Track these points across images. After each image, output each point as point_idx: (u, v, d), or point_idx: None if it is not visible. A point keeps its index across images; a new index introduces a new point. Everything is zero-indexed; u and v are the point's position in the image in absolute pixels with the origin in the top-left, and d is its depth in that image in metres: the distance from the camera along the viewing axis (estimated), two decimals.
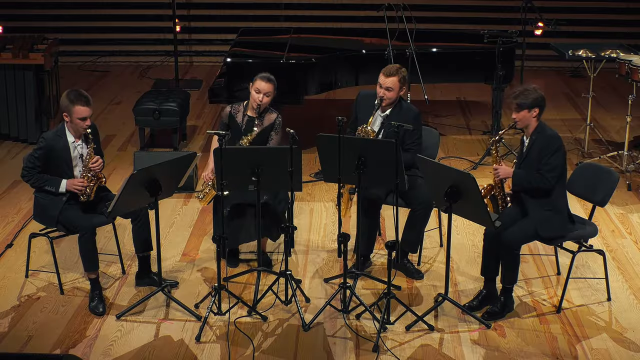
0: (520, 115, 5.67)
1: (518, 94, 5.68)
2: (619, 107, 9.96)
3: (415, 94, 8.08)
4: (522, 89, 5.71)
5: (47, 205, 5.84)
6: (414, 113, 6.17)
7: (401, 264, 6.22)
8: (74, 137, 5.85)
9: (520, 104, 5.65)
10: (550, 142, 5.64)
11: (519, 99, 5.65)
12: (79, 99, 5.73)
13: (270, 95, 6.15)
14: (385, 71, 6.12)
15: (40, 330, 5.58)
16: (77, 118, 5.74)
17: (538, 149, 5.65)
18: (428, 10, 11.82)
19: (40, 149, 5.80)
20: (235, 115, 6.25)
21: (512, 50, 8.69)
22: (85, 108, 5.74)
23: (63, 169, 5.84)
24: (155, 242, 5.81)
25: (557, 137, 5.67)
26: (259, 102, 6.11)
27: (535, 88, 5.71)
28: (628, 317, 5.77)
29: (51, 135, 5.85)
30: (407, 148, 6.07)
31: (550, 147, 5.62)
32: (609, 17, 12.06)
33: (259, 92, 6.12)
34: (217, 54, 12.09)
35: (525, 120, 5.68)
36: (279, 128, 6.25)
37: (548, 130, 5.70)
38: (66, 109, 5.77)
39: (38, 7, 12.21)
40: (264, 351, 5.37)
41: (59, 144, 5.81)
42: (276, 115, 6.26)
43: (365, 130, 6.11)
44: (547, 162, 5.61)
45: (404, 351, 5.37)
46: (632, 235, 6.94)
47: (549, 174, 5.60)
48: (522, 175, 5.69)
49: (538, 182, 5.62)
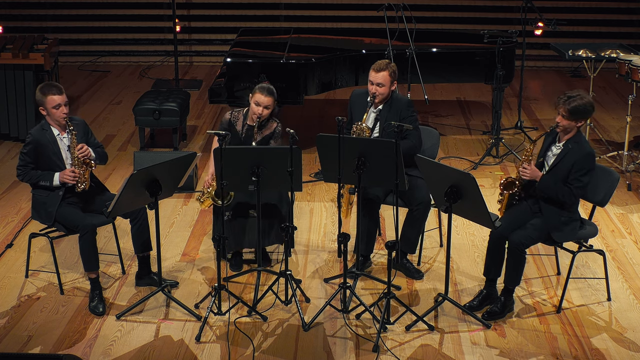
0: (566, 123, 5.54)
1: (572, 100, 5.48)
2: (619, 107, 9.97)
3: (415, 94, 8.08)
4: (577, 95, 5.49)
5: (45, 202, 5.85)
6: (405, 101, 6.19)
7: (401, 263, 6.22)
8: (59, 130, 5.88)
9: (572, 112, 5.48)
10: (587, 160, 5.52)
11: (571, 105, 5.47)
12: (49, 89, 5.84)
13: (270, 107, 6.11)
14: (375, 67, 6.12)
15: (40, 330, 5.58)
16: (51, 108, 5.81)
17: (572, 161, 5.53)
18: (428, 10, 11.83)
19: (28, 144, 5.85)
20: (235, 123, 6.24)
21: (512, 50, 8.69)
22: (58, 96, 5.82)
23: (54, 162, 5.86)
24: (155, 242, 5.81)
25: (593, 156, 5.57)
26: (258, 115, 6.09)
27: (590, 100, 5.52)
28: (628, 317, 5.77)
29: (37, 130, 5.90)
30: (405, 135, 6.06)
31: (586, 166, 5.52)
32: (609, 17, 12.06)
33: (259, 105, 6.09)
34: (217, 54, 12.09)
35: (569, 128, 5.57)
36: (278, 137, 6.24)
37: (586, 145, 5.56)
38: (40, 102, 5.85)
39: (38, 7, 12.21)
40: (264, 351, 5.37)
41: (44, 137, 5.85)
42: (276, 124, 6.24)
43: (360, 127, 6.11)
44: (579, 179, 5.52)
45: (404, 351, 5.37)
46: (632, 235, 6.94)
47: (578, 191, 5.54)
48: (550, 184, 5.59)
49: (565, 195, 5.54)
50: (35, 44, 8.88)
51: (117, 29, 12.25)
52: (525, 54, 9.32)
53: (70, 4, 12.19)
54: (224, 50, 11.24)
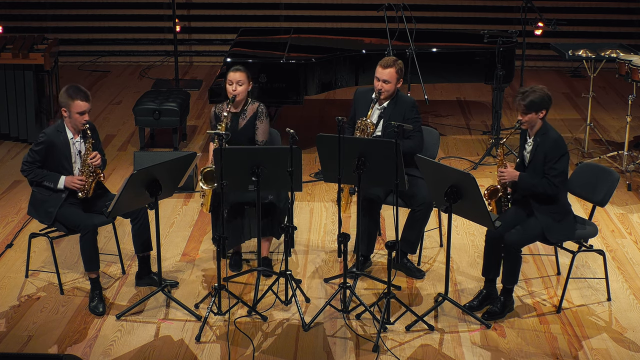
0: (527, 118, 5.61)
1: (526, 95, 5.58)
2: (619, 107, 9.97)
3: (415, 94, 8.07)
4: (530, 89, 5.61)
5: (45, 201, 5.85)
6: (411, 102, 6.21)
7: (401, 263, 6.22)
8: (73, 134, 5.86)
9: (528, 106, 5.57)
10: (556, 147, 5.58)
11: (526, 100, 5.57)
12: (77, 94, 5.77)
13: (244, 83, 6.16)
14: (382, 63, 6.14)
15: (40, 330, 5.58)
16: (75, 113, 5.76)
17: (543, 152, 5.61)
18: (428, 10, 11.82)
19: (41, 143, 5.82)
20: (220, 115, 6.26)
21: (512, 50, 8.69)
22: (84, 103, 5.77)
23: (63, 165, 5.85)
24: (155, 242, 5.81)
25: (562, 142, 5.63)
26: (233, 93, 6.12)
27: (543, 88, 5.63)
28: (628, 317, 5.77)
29: (52, 131, 5.86)
30: (408, 136, 6.08)
31: (556, 153, 5.57)
32: (609, 17, 12.06)
33: (231, 84, 6.15)
34: (217, 54, 12.09)
35: (532, 122, 5.64)
36: (262, 116, 6.24)
37: (552, 132, 5.65)
38: (65, 104, 5.79)
39: (38, 7, 12.21)
40: (264, 351, 5.37)
41: (59, 139, 5.83)
42: (258, 104, 6.27)
43: (365, 122, 6.12)
44: (553, 167, 5.57)
45: (404, 351, 5.37)
46: (632, 235, 6.94)
47: (556, 179, 5.56)
48: (528, 180, 5.65)
49: (545, 187, 5.58)
50: (35, 44, 8.88)
51: (117, 29, 12.25)
52: (525, 54, 9.33)
53: (70, 4, 12.19)
54: (224, 50, 11.24)
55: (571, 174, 6.02)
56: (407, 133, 6.07)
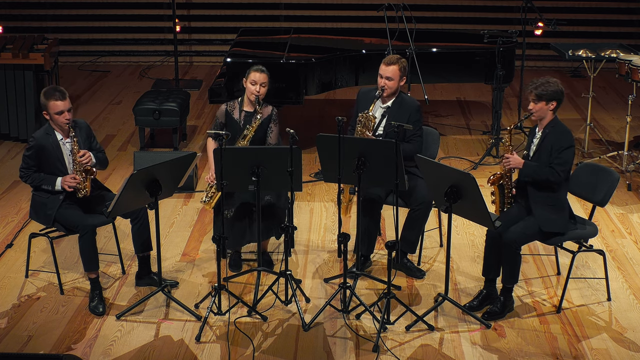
0: (537, 107, 5.63)
1: (539, 84, 5.62)
2: (619, 107, 9.97)
3: (416, 94, 8.07)
4: (544, 80, 5.65)
5: (45, 204, 5.85)
6: (416, 105, 6.21)
7: (401, 263, 6.22)
8: (62, 135, 5.86)
9: (540, 95, 5.60)
10: (563, 138, 5.61)
11: (539, 89, 5.60)
12: (52, 94, 5.78)
13: (266, 85, 6.16)
14: (385, 60, 6.17)
15: (40, 330, 5.58)
16: (54, 113, 5.78)
17: (550, 143, 5.61)
18: (428, 10, 11.83)
19: (31, 148, 5.84)
20: (232, 112, 6.25)
21: (512, 50, 8.69)
22: (61, 102, 5.77)
23: (57, 166, 5.85)
24: (155, 242, 5.81)
25: (570, 134, 5.65)
26: (256, 94, 6.11)
27: (557, 81, 5.67)
28: (628, 317, 5.77)
29: (40, 134, 5.87)
30: (409, 139, 6.09)
31: (563, 143, 5.59)
32: (609, 17, 12.06)
33: (255, 84, 6.12)
34: (217, 54, 12.09)
35: (542, 113, 5.64)
36: (277, 119, 6.26)
37: (562, 125, 5.68)
38: (44, 107, 5.82)
39: (38, 7, 12.21)
40: (264, 351, 5.37)
41: (48, 142, 5.83)
42: (271, 108, 6.27)
43: (367, 116, 6.12)
44: (558, 157, 5.58)
45: (404, 351, 5.37)
46: (632, 235, 6.94)
47: (559, 168, 5.58)
48: (533, 166, 5.66)
49: (547, 174, 5.57)
50: (35, 44, 8.88)
51: (117, 29, 12.25)
52: (525, 54, 9.33)
53: (70, 4, 12.19)
54: (224, 50, 11.24)
55: (571, 174, 6.02)
56: (408, 136, 6.08)
